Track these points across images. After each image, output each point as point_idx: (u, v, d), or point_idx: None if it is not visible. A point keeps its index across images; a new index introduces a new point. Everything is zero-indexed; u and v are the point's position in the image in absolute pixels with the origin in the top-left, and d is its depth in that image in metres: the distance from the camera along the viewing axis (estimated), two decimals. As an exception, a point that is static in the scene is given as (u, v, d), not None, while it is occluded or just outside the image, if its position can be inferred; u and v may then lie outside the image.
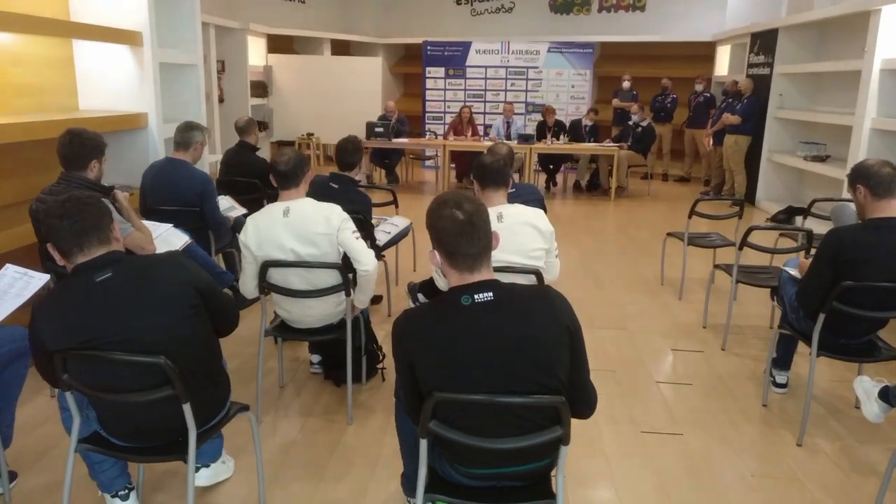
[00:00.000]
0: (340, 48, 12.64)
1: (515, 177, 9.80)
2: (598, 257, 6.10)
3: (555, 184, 10.07)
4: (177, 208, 3.98)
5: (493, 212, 2.84)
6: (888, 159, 2.88)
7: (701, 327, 4.40)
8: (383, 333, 3.91)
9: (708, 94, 10.17)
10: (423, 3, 12.95)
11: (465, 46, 11.49)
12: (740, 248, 3.90)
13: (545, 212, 3.92)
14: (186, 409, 1.94)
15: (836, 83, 7.77)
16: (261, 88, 11.08)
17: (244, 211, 4.54)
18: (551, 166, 9.83)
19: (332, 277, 2.91)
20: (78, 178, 3.11)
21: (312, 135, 10.80)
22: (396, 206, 5.06)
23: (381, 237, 4.21)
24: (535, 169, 9.90)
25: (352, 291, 2.95)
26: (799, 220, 6.42)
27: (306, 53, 12.04)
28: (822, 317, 2.86)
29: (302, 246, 2.83)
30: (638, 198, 9.37)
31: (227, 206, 4.49)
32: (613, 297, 5.01)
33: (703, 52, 11.16)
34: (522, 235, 2.84)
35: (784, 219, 7.73)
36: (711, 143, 9.63)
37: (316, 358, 3.57)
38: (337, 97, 11.13)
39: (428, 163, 11.37)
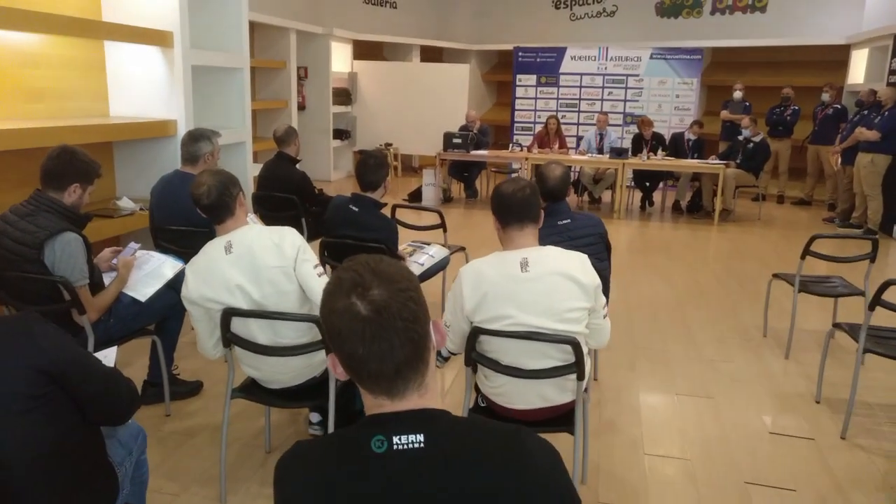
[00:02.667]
0: (432, 55, 12.19)
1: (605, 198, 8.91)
2: (692, 296, 5.16)
3: (651, 203, 9.07)
4: (185, 228, 3.52)
5: (516, 257, 2.13)
6: None
7: (813, 401, 3.43)
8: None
9: (838, 106, 8.84)
10: (520, 9, 12.28)
11: (560, 52, 10.70)
12: (871, 308, 2.94)
13: (608, 250, 3.15)
14: (14, 540, 1.37)
15: None
16: (344, 96, 10.79)
17: (270, 231, 4.04)
18: (647, 184, 8.86)
19: (301, 331, 2.30)
20: (49, 200, 2.66)
21: (391, 145, 10.36)
22: (445, 230, 4.40)
23: (414, 269, 3.57)
24: (629, 185, 8.96)
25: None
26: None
27: (396, 60, 11.66)
28: None
29: (253, 285, 2.26)
30: (746, 223, 8.22)
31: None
32: (703, 350, 4.11)
33: (833, 58, 9.77)
34: (555, 291, 2.09)
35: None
36: (839, 161, 8.31)
37: (315, 417, 2.96)
38: (422, 105, 10.64)
39: (513, 176, 10.65)
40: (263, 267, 2.26)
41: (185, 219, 3.50)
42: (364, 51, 11.23)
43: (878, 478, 2.75)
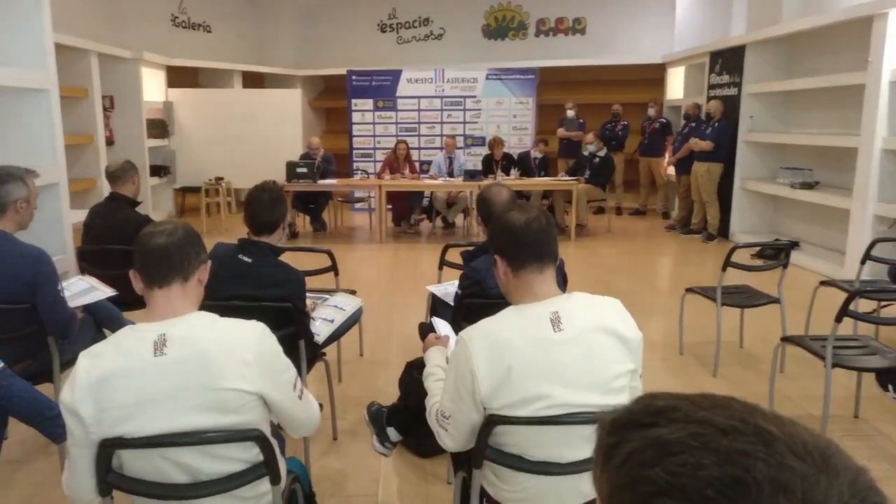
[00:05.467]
0: (253, 81, 11.23)
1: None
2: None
3: (506, 224, 8.93)
4: (-8, 308, 2.51)
5: (542, 311, 1.55)
6: None
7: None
8: (325, 480, 2.53)
9: (663, 120, 9.37)
10: (345, 33, 11.75)
11: (395, 75, 10.32)
12: (838, 320, 2.77)
13: (565, 284, 2.71)
14: None
15: (813, 101, 7.02)
16: (160, 128, 9.49)
17: (111, 293, 3.08)
18: (501, 205, 8.70)
19: (234, 458, 1.54)
20: None
21: (222, 179, 9.26)
22: (337, 274, 3.70)
23: (323, 329, 2.85)
24: (484, 208, 8.74)
25: (281, 474, 1.59)
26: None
27: (214, 87, 10.55)
28: None
29: (197, 415, 1.45)
30: (599, 236, 8.36)
31: (84, 287, 3.02)
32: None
33: (652, 76, 10.43)
34: (600, 353, 1.56)
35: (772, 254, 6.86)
36: (673, 172, 8.78)
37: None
38: (251, 135, 9.66)
39: (358, 205, 10.04)
40: (213, 387, 1.44)
41: (-7, 295, 2.50)
42: (178, 78, 10.00)
43: None
